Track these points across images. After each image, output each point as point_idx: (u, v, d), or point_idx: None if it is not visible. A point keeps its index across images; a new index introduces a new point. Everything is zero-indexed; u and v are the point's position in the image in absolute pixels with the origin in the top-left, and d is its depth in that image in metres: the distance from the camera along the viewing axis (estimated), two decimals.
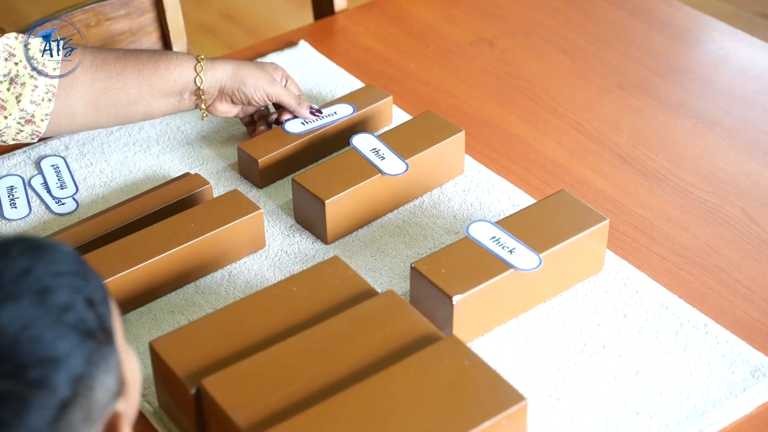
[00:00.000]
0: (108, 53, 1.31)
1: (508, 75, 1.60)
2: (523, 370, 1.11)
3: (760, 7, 3.15)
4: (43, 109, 1.27)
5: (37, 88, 1.25)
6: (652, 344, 1.13)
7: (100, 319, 0.72)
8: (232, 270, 1.24)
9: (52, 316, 0.69)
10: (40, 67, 1.26)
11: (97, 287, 0.73)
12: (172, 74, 1.32)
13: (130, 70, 1.30)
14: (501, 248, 1.15)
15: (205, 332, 1.06)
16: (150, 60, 1.32)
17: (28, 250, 0.71)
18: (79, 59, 1.28)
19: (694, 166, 1.40)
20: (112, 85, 1.30)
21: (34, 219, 1.32)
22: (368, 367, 1.00)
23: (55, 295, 0.69)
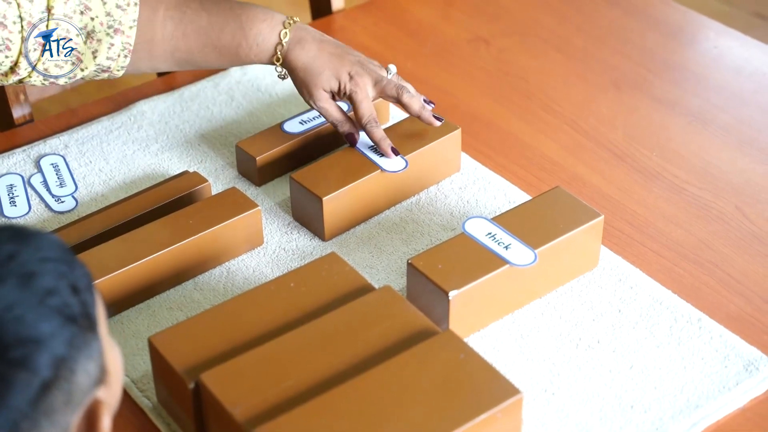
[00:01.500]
0: (188, 22, 1.27)
1: (504, 73, 1.61)
2: (519, 364, 1.12)
3: (756, 7, 3.16)
4: (120, 62, 1.26)
5: (113, 46, 1.24)
6: (647, 339, 1.14)
7: (84, 306, 0.73)
8: (231, 267, 1.25)
9: (35, 299, 0.69)
10: (116, 26, 1.23)
11: (82, 275, 0.74)
12: (252, 60, 1.30)
13: (210, 49, 1.28)
14: (497, 244, 1.16)
15: (203, 328, 1.07)
16: (231, 43, 1.28)
17: (15, 237, 0.72)
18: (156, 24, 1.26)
19: (689, 164, 1.41)
20: (193, 58, 1.30)
21: (33, 217, 1.33)
22: (365, 361, 1.01)
23: (39, 279, 0.70)
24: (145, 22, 1.25)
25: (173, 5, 1.27)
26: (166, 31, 1.27)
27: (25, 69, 1.21)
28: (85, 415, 0.72)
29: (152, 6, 1.26)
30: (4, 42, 1.17)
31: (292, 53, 1.28)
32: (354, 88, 1.28)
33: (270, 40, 1.28)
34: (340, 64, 1.28)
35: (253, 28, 1.27)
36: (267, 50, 1.28)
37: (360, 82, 1.28)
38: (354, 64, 1.29)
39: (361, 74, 1.28)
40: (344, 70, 1.28)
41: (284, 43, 1.27)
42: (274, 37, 1.28)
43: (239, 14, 1.28)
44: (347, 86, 1.28)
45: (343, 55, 1.29)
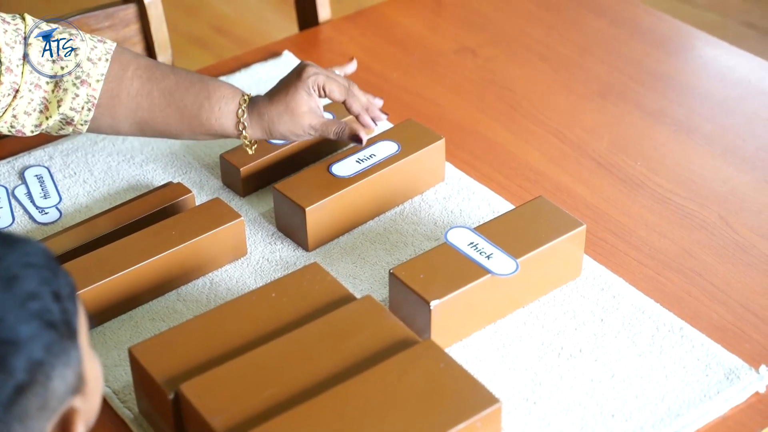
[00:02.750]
0: (155, 82, 1.28)
1: (490, 83, 1.61)
2: (501, 374, 1.12)
3: (747, 17, 3.17)
4: (83, 115, 1.27)
5: (77, 97, 1.25)
6: (629, 348, 1.14)
7: (65, 314, 0.73)
8: (214, 278, 1.25)
9: (16, 301, 0.70)
10: (84, 77, 1.25)
11: (66, 284, 0.74)
12: (213, 124, 1.29)
13: (173, 110, 1.28)
14: (479, 254, 1.16)
15: (184, 338, 1.07)
16: (193, 104, 1.28)
17: (4, 243, 0.72)
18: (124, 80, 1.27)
19: (673, 173, 1.41)
20: (155, 118, 1.29)
21: (17, 228, 1.33)
22: (345, 371, 1.01)
23: (21, 282, 0.71)
24: (113, 77, 1.27)
25: (143, 66, 1.29)
26: (132, 88, 1.27)
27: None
28: (59, 423, 0.72)
29: (123, 64, 1.28)
30: None
31: (252, 116, 1.28)
32: (311, 78, 1.28)
33: (232, 105, 1.28)
34: (287, 84, 1.29)
35: (217, 91, 1.28)
36: (230, 113, 1.28)
37: (308, 71, 1.29)
38: (293, 72, 1.30)
39: (303, 68, 1.29)
40: (293, 81, 1.28)
41: (244, 109, 1.28)
42: (235, 104, 1.28)
43: (205, 80, 1.29)
44: (307, 83, 1.28)
45: (283, 81, 1.31)
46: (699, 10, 3.20)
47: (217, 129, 1.29)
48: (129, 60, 1.29)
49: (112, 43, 1.29)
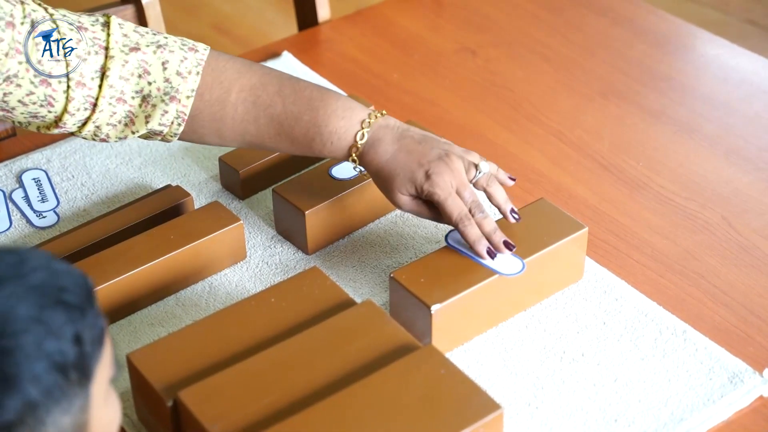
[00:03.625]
0: (261, 107, 1.17)
1: (491, 84, 1.60)
2: (503, 378, 1.11)
3: (749, 15, 3.16)
4: (173, 129, 1.19)
5: (166, 114, 1.16)
6: (631, 351, 1.13)
7: (81, 358, 0.71)
8: (213, 282, 1.25)
9: (35, 337, 0.68)
10: (173, 93, 1.16)
11: (94, 326, 0.73)
12: (324, 153, 1.19)
13: (283, 138, 1.18)
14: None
15: (183, 344, 1.06)
16: (304, 137, 1.17)
17: (49, 270, 0.72)
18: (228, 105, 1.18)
19: (675, 174, 1.40)
20: (264, 143, 1.20)
21: (14, 232, 1.32)
22: (345, 377, 1.00)
23: (49, 319, 0.69)
24: (216, 100, 1.17)
25: (248, 87, 1.18)
26: (237, 113, 1.17)
27: (73, 124, 1.16)
28: None
29: (226, 86, 1.17)
30: (46, 98, 1.13)
31: (366, 157, 1.16)
32: (431, 189, 1.13)
33: (345, 140, 1.16)
34: (416, 164, 1.14)
35: (328, 125, 1.16)
36: (342, 149, 1.17)
37: (438, 181, 1.13)
38: (434, 161, 1.14)
39: (440, 171, 1.14)
40: (420, 170, 1.14)
41: (359, 146, 1.16)
42: (349, 138, 1.16)
43: (316, 107, 1.17)
44: (423, 187, 1.14)
45: (423, 151, 1.15)
46: (701, 7, 3.19)
47: (332, 157, 1.20)
48: (231, 79, 1.18)
49: (203, 51, 1.18)
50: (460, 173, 1.15)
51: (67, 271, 0.73)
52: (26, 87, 1.12)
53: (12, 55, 1.10)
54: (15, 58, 1.10)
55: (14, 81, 1.11)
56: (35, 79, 1.12)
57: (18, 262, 0.71)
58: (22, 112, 1.14)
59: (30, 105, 1.13)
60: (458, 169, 1.15)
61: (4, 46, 1.09)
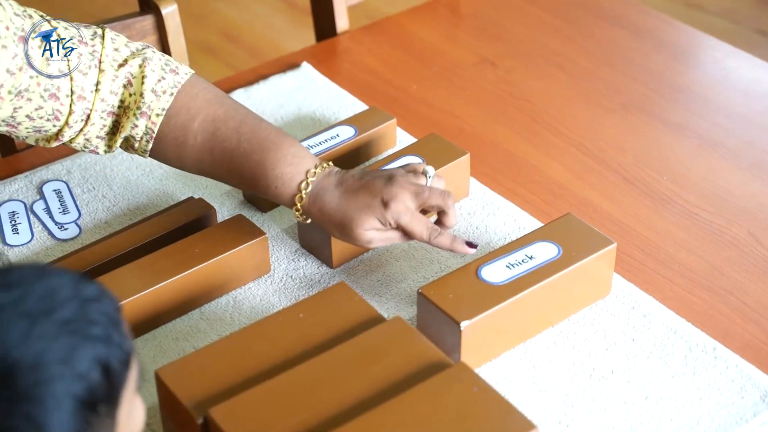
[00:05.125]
0: (217, 140, 1.18)
1: (510, 96, 1.59)
2: (532, 396, 1.10)
3: (759, 24, 3.15)
4: (143, 145, 1.20)
5: (136, 127, 1.18)
6: (661, 369, 1.12)
7: (111, 390, 0.71)
8: (237, 295, 1.24)
9: (65, 383, 0.68)
10: (144, 109, 1.18)
11: (120, 352, 0.72)
12: (269, 196, 1.18)
13: (234, 174, 1.18)
14: (521, 264, 1.14)
15: (211, 360, 1.05)
16: (252, 176, 1.17)
17: (76, 300, 0.71)
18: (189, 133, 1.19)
19: (699, 188, 1.39)
20: (216, 175, 1.21)
21: (36, 245, 1.31)
22: (377, 395, 0.99)
23: (78, 360, 0.69)
24: (181, 125, 1.18)
25: (211, 118, 1.18)
26: (196, 142, 1.19)
27: (69, 137, 1.19)
28: None
29: (192, 114, 1.19)
30: (53, 112, 1.15)
31: (313, 207, 1.16)
32: (394, 216, 1.13)
33: (289, 187, 1.16)
34: (370, 198, 1.14)
35: (275, 169, 1.16)
36: (286, 195, 1.17)
37: (396, 207, 1.13)
38: (384, 188, 1.14)
39: (395, 196, 1.13)
40: (376, 202, 1.13)
41: (303, 195, 1.16)
42: (293, 186, 1.16)
43: (268, 149, 1.16)
44: (386, 217, 1.13)
45: (369, 184, 1.15)
46: (710, 16, 3.19)
47: (278, 202, 1.19)
48: (198, 108, 1.19)
49: (184, 75, 1.20)
50: (412, 186, 1.15)
51: (95, 297, 0.72)
52: (36, 101, 1.13)
53: (25, 70, 1.11)
54: (27, 73, 1.11)
55: (25, 95, 1.12)
56: (45, 93, 1.13)
57: (47, 295, 0.71)
58: (27, 127, 1.16)
59: (37, 120, 1.15)
60: (408, 185, 1.15)
61: (18, 61, 1.09)
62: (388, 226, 1.15)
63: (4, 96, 1.10)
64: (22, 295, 0.70)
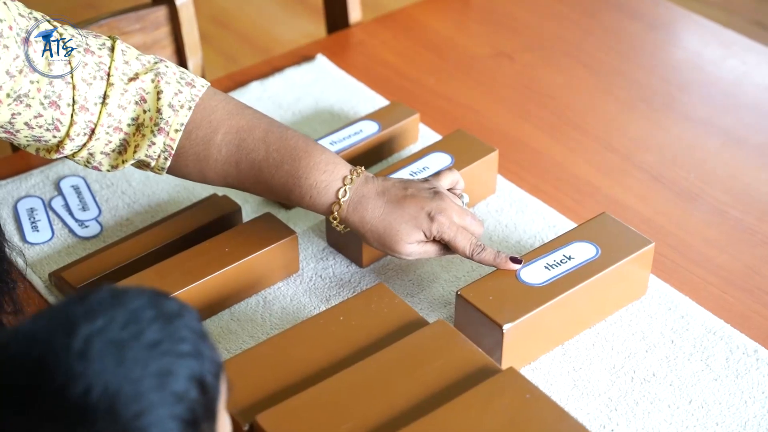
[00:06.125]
0: (244, 152, 1.13)
1: (530, 90, 1.57)
2: (575, 399, 1.09)
3: (755, 15, 3.15)
4: (160, 163, 1.15)
5: (153, 145, 1.13)
6: (703, 371, 1.11)
7: (209, 404, 0.69)
8: (267, 296, 1.21)
9: (166, 407, 0.66)
10: (162, 125, 1.12)
11: (211, 365, 0.70)
12: (303, 205, 1.15)
13: (262, 186, 1.15)
14: (560, 265, 1.13)
15: (253, 364, 1.02)
16: (283, 187, 1.13)
17: (160, 319, 0.69)
18: (212, 147, 1.14)
19: (727, 185, 1.38)
20: (245, 188, 1.16)
21: (57, 243, 1.28)
22: (425, 401, 0.97)
23: (174, 380, 0.67)
24: (202, 139, 1.14)
25: (234, 129, 1.14)
26: (220, 155, 1.14)
27: (70, 150, 1.12)
28: None
29: (214, 126, 1.14)
30: (53, 122, 1.09)
31: (353, 216, 1.13)
32: (440, 230, 1.12)
33: (326, 195, 1.13)
34: (417, 210, 1.12)
35: (309, 178, 1.12)
36: (322, 204, 1.13)
37: (444, 221, 1.12)
38: (431, 203, 1.12)
39: (443, 210, 1.12)
40: (422, 215, 1.11)
41: (342, 203, 1.12)
42: (330, 194, 1.12)
43: (299, 157, 1.13)
44: (432, 230, 1.12)
45: (414, 195, 1.13)
46: (706, 7, 3.18)
47: (312, 210, 1.16)
48: (220, 120, 1.14)
49: (200, 87, 1.15)
50: (454, 204, 1.14)
51: (177, 313, 0.70)
52: (35, 108, 1.08)
53: (25, 74, 1.05)
54: (28, 77, 1.06)
55: (24, 101, 1.06)
56: (45, 101, 1.08)
57: (131, 319, 0.68)
58: (26, 135, 1.10)
59: (36, 128, 1.09)
60: (452, 203, 1.14)
61: (19, 63, 1.04)
62: (431, 239, 1.13)
63: (3, 99, 1.05)
64: (107, 322, 0.68)
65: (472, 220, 1.15)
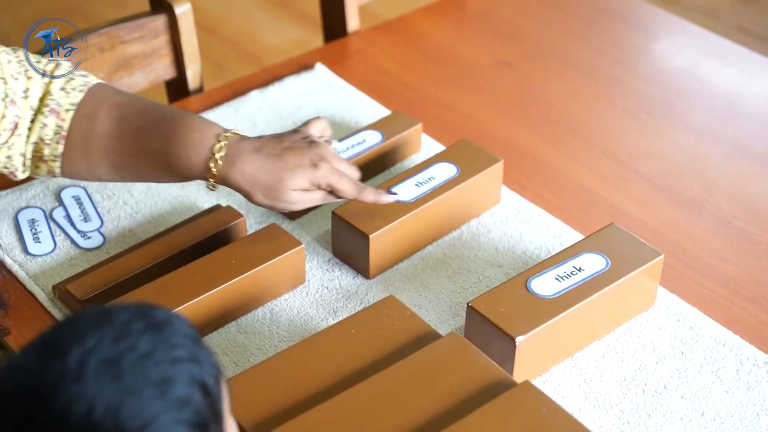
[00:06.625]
0: (125, 122, 1.16)
1: (530, 98, 1.57)
2: (587, 412, 1.08)
3: (740, 21, 3.16)
4: (53, 149, 1.18)
5: (46, 126, 1.17)
6: (714, 383, 1.11)
7: (214, 406, 0.69)
8: (273, 307, 1.20)
9: (171, 413, 0.66)
10: (54, 106, 1.17)
11: (210, 368, 0.70)
12: (181, 170, 1.15)
13: (142, 155, 1.16)
14: (570, 277, 1.12)
15: (267, 378, 1.02)
16: (162, 146, 1.15)
17: (150, 329, 0.68)
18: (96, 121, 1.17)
19: (730, 195, 1.38)
20: (128, 163, 1.17)
21: (60, 254, 1.26)
22: (441, 415, 0.97)
23: (174, 386, 0.66)
24: (86, 116, 1.17)
25: (117, 104, 1.18)
26: (103, 129, 1.17)
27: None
28: None
29: (98, 101, 1.18)
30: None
31: (232, 171, 1.13)
32: (325, 176, 1.14)
33: (201, 152, 1.13)
34: (299, 159, 1.14)
35: (185, 137, 1.14)
36: (198, 162, 1.14)
37: (326, 167, 1.14)
38: (311, 152, 1.15)
39: (324, 157, 1.15)
40: (305, 163, 1.14)
41: (218, 158, 1.13)
42: (205, 151, 1.13)
43: (174, 121, 1.15)
44: (317, 177, 1.14)
45: (293, 147, 1.15)
46: (690, 12, 3.19)
47: (189, 176, 1.16)
48: (105, 97, 1.18)
49: (95, 79, 1.20)
50: (331, 151, 1.17)
51: (166, 321, 0.70)
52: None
53: None
54: None
55: None
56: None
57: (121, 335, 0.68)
58: None
59: None
60: (329, 150, 1.17)
61: None
62: (316, 186, 1.15)
63: None
64: (98, 341, 0.67)
65: (347, 166, 1.18)
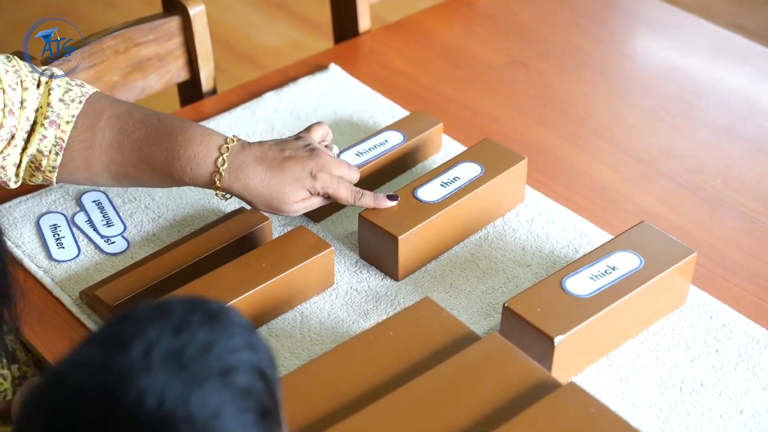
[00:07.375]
0: (126, 133, 1.18)
1: (548, 98, 1.57)
2: (625, 411, 1.08)
3: (733, 19, 3.17)
4: (50, 161, 1.18)
5: (45, 138, 1.17)
6: (751, 381, 1.11)
7: (273, 394, 0.69)
8: (303, 310, 1.19)
9: (236, 402, 0.65)
10: (54, 117, 1.17)
11: (266, 357, 0.70)
12: (185, 180, 1.18)
13: (144, 166, 1.18)
14: (605, 276, 1.12)
15: (305, 384, 1.00)
16: (164, 163, 1.17)
17: (207, 321, 0.68)
18: (97, 131, 1.18)
19: (754, 192, 1.38)
20: (129, 173, 1.19)
21: (84, 260, 1.25)
22: (485, 419, 0.96)
23: (237, 376, 0.66)
24: (86, 126, 1.18)
25: (116, 115, 1.18)
26: (104, 140, 1.18)
27: None
28: None
29: (98, 111, 1.18)
30: None
31: (236, 184, 1.17)
32: (324, 186, 1.18)
33: (205, 165, 1.16)
34: (299, 171, 1.17)
35: (187, 150, 1.16)
36: (202, 175, 1.17)
37: (325, 177, 1.18)
38: (310, 162, 1.18)
39: (323, 167, 1.18)
40: (304, 175, 1.17)
41: (222, 172, 1.16)
42: (209, 164, 1.16)
43: (175, 133, 1.17)
44: (316, 187, 1.18)
45: (293, 157, 1.18)
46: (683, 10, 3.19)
47: (193, 185, 1.19)
48: (104, 107, 1.19)
49: (92, 89, 1.21)
50: (330, 158, 1.20)
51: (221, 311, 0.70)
52: None
53: None
54: None
55: None
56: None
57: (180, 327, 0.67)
58: None
59: None
60: (328, 157, 1.20)
61: None
62: (315, 194, 1.19)
63: None
64: (159, 334, 0.67)
65: (348, 170, 1.21)
